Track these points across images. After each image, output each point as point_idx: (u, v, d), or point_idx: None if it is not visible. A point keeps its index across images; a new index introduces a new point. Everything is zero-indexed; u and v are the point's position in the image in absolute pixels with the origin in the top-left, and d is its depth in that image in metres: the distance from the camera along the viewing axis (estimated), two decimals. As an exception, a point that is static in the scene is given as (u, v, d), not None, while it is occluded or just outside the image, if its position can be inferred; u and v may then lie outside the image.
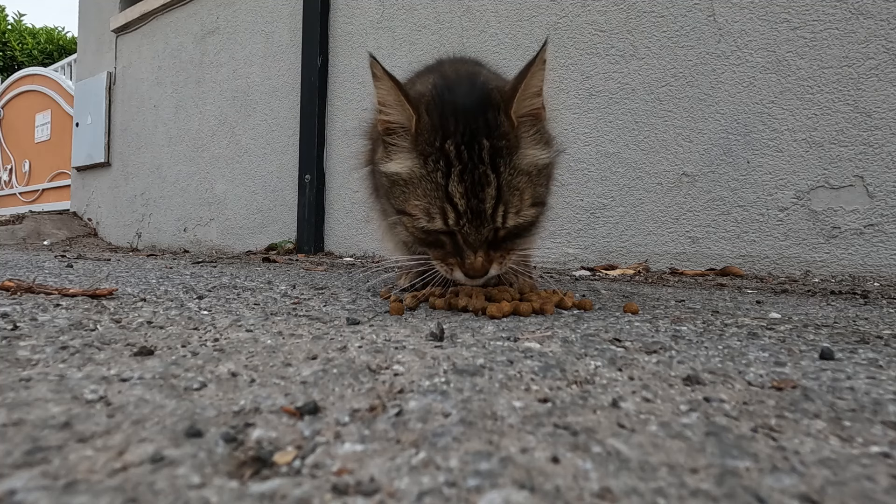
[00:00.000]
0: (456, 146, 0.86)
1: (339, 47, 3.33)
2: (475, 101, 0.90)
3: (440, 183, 0.87)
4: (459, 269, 0.91)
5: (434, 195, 0.88)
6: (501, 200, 0.88)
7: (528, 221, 0.93)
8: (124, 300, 1.04)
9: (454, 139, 0.87)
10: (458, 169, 0.86)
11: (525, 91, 0.89)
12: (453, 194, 0.86)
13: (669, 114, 2.23)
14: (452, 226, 0.88)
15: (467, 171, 0.86)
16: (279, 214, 3.60)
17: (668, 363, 0.63)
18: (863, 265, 1.85)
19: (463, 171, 0.86)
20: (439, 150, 0.87)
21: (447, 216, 0.88)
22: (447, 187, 0.86)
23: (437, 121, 0.88)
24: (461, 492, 0.32)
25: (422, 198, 0.89)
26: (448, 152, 0.86)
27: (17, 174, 6.87)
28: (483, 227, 0.88)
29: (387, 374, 0.55)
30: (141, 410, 0.44)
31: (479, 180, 0.86)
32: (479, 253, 0.89)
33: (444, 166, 0.87)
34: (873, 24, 1.84)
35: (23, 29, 10.17)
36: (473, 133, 0.87)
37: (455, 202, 0.87)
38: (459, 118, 0.88)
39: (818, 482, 0.34)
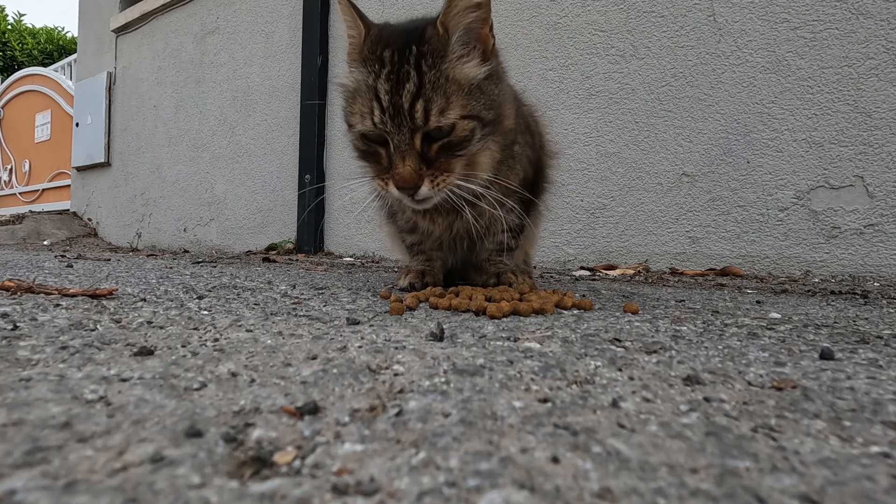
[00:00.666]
0: (391, 52, 0.95)
1: (339, 47, 3.33)
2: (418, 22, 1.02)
3: (371, 84, 0.94)
4: (392, 181, 0.95)
5: (367, 96, 0.95)
6: (421, 97, 0.92)
7: (460, 133, 0.95)
8: (124, 300, 1.04)
9: (391, 47, 0.95)
10: (386, 70, 0.93)
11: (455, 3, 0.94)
12: (379, 91, 0.93)
13: (669, 114, 2.23)
14: (377, 124, 0.93)
15: (393, 71, 0.93)
16: (279, 214, 3.60)
17: (668, 363, 0.63)
18: (863, 265, 1.85)
19: (390, 72, 0.93)
20: (378, 58, 0.95)
21: (374, 114, 0.94)
22: (375, 87, 0.93)
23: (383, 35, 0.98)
24: (461, 492, 0.32)
25: (359, 103, 0.96)
26: (383, 58, 0.95)
27: (17, 174, 6.88)
28: (403, 124, 0.92)
29: (387, 374, 0.55)
30: (141, 410, 0.44)
31: (401, 78, 0.92)
32: (406, 160, 0.93)
33: (377, 69, 0.94)
34: (873, 24, 1.84)
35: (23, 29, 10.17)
36: (407, 42, 0.95)
37: (380, 98, 0.93)
38: (400, 33, 0.98)
39: (818, 482, 0.34)
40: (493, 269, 1.32)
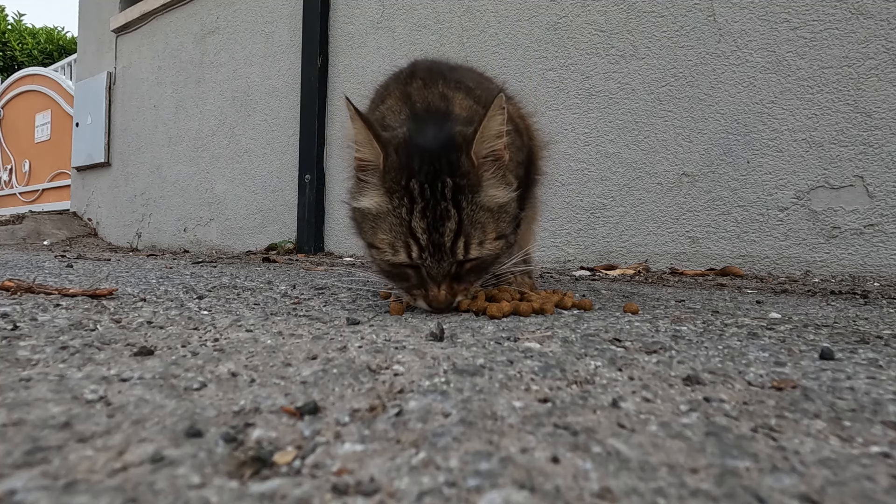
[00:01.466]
0: (420, 184, 0.91)
1: (339, 47, 3.33)
2: (440, 143, 0.95)
3: (404, 218, 0.91)
4: (423, 300, 0.96)
5: (399, 230, 0.92)
6: (462, 234, 0.92)
7: (491, 254, 0.96)
8: (124, 300, 1.04)
9: (418, 178, 0.91)
10: (420, 206, 0.91)
11: (484, 134, 0.93)
12: (416, 229, 0.91)
13: (669, 114, 2.23)
14: (415, 259, 0.92)
15: (429, 207, 0.90)
16: (279, 214, 3.60)
17: (668, 363, 0.63)
18: (863, 265, 1.85)
19: (425, 208, 0.90)
20: (404, 187, 0.91)
21: (410, 250, 0.91)
22: (410, 223, 0.91)
23: (405, 161, 0.92)
24: (461, 492, 0.32)
25: (388, 232, 0.93)
26: (412, 190, 0.91)
27: (17, 174, 6.87)
28: (443, 260, 0.92)
29: (387, 374, 0.55)
30: (141, 410, 0.44)
31: (440, 216, 0.90)
32: (441, 286, 0.94)
33: (409, 203, 0.91)
34: (873, 24, 1.84)
35: (23, 29, 10.16)
36: (437, 172, 0.91)
37: (417, 237, 0.91)
38: (424, 159, 0.92)
39: (818, 482, 0.34)
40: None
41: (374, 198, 0.95)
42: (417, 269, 0.94)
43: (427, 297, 0.95)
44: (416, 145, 0.94)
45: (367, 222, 0.97)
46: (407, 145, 0.94)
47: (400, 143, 0.94)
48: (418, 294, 0.96)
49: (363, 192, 0.97)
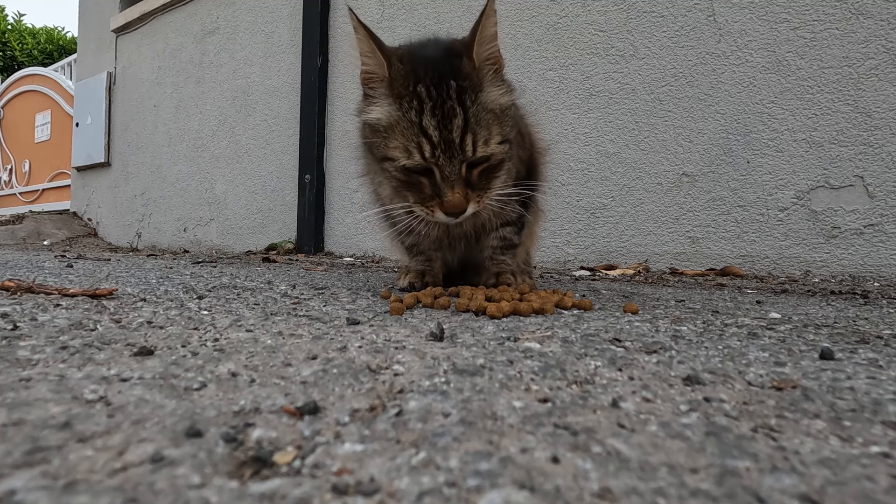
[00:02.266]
0: (426, 87, 0.95)
1: (339, 47, 3.33)
2: (441, 51, 1.02)
3: (415, 120, 0.95)
4: (439, 208, 0.99)
5: (410, 132, 0.96)
6: (469, 131, 0.96)
7: (498, 157, 1.01)
8: (124, 300, 1.04)
9: (424, 82, 0.96)
10: (429, 105, 0.95)
11: (482, 36, 0.98)
12: (427, 127, 0.95)
13: (669, 114, 2.23)
14: (429, 158, 0.96)
15: (437, 106, 0.95)
16: (279, 214, 3.60)
17: (668, 363, 0.63)
18: (863, 265, 1.85)
19: (434, 107, 0.95)
20: (412, 92, 0.96)
21: (423, 149, 0.95)
22: (421, 123, 0.95)
23: (410, 67, 0.97)
24: (461, 492, 0.32)
25: (400, 137, 0.97)
26: (420, 93, 0.95)
27: (17, 174, 6.87)
28: (455, 157, 0.96)
29: (387, 374, 0.55)
30: (141, 410, 0.44)
31: (448, 114, 0.95)
32: (456, 189, 0.97)
33: (418, 105, 0.95)
34: (873, 24, 1.84)
35: (23, 29, 10.16)
36: (441, 75, 0.96)
37: (429, 134, 0.95)
38: (428, 64, 0.98)
39: (818, 482, 0.34)
40: (494, 269, 1.31)
41: (383, 107, 0.98)
42: (431, 175, 0.97)
43: (443, 203, 0.98)
44: (419, 55, 1.00)
45: (379, 135, 1.00)
46: (410, 54, 1.00)
47: (404, 53, 1.00)
48: (434, 205, 0.99)
49: (371, 105, 1.00)
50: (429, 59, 0.99)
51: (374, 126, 1.00)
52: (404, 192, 1.03)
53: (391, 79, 0.97)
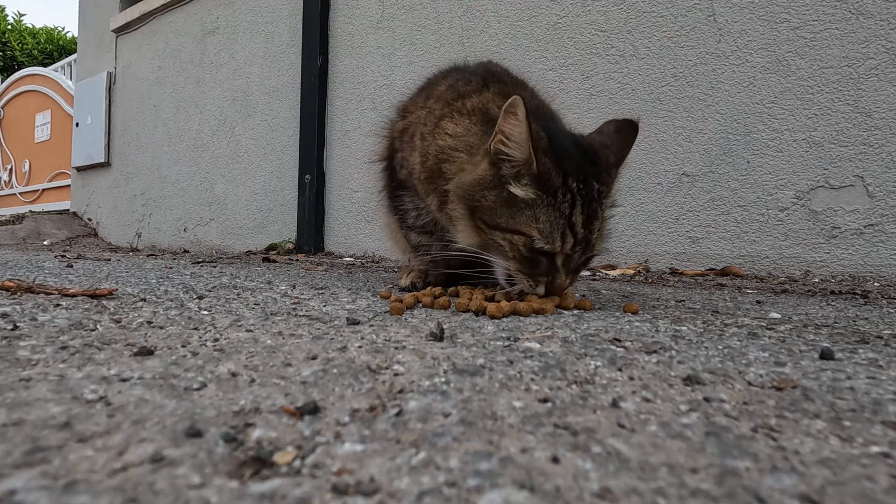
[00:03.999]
0: (576, 185, 1.01)
1: (339, 47, 3.33)
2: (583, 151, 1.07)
3: (565, 213, 1.00)
4: (546, 286, 1.03)
5: (558, 222, 1.00)
6: (601, 232, 1.06)
7: (600, 252, 1.11)
8: (124, 300, 1.04)
9: (574, 178, 1.01)
10: (580, 203, 1.01)
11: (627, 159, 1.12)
12: (575, 224, 1.00)
13: (669, 114, 2.23)
14: (567, 250, 1.01)
15: (586, 205, 1.02)
16: (279, 214, 3.60)
17: (668, 363, 0.63)
18: (863, 265, 1.85)
19: (584, 205, 1.01)
20: (564, 185, 1.00)
21: (566, 241, 1.00)
22: (571, 217, 1.00)
23: (558, 162, 1.01)
24: (461, 492, 0.32)
25: (544, 222, 1.00)
26: (571, 188, 1.01)
27: (17, 174, 6.87)
28: (586, 252, 1.04)
29: (387, 374, 0.55)
30: (141, 410, 0.44)
31: (592, 214, 1.03)
32: (568, 276, 1.04)
33: (570, 199, 1.00)
34: (873, 24, 1.84)
35: (23, 29, 10.16)
36: (586, 175, 1.02)
37: (576, 230, 1.01)
38: (575, 161, 1.03)
39: (818, 482, 0.34)
40: None
41: (527, 189, 1.01)
42: (552, 259, 1.02)
43: (553, 283, 1.03)
44: (562, 148, 1.03)
45: (514, 208, 1.02)
46: (555, 149, 1.02)
47: (549, 145, 1.01)
48: (542, 280, 1.03)
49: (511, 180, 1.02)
50: (572, 155, 1.04)
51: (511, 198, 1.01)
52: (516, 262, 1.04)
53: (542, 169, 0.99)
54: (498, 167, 1.02)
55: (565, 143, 1.06)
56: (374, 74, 3.16)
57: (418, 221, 1.30)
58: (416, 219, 1.30)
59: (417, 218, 1.29)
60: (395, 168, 1.35)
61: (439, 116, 1.18)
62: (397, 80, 3.02)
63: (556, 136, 1.06)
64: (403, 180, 1.30)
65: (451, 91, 1.23)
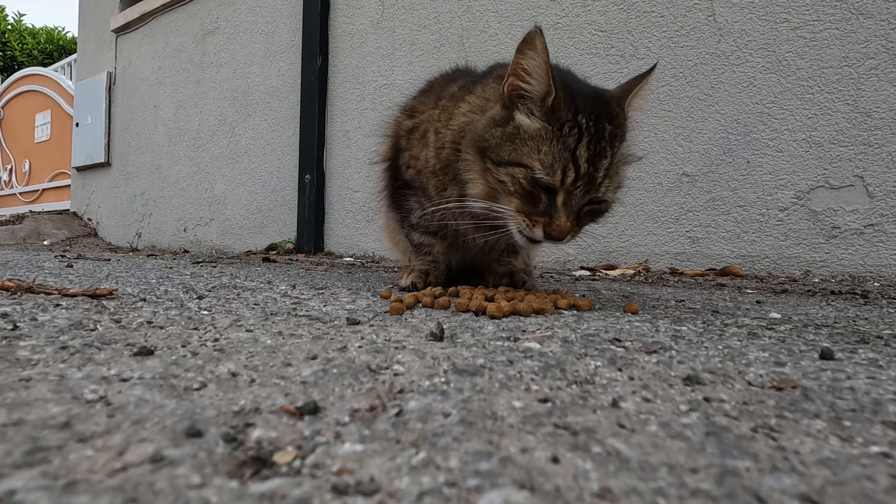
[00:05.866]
0: (587, 121, 1.00)
1: (339, 47, 3.33)
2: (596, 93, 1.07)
3: (570, 146, 0.98)
4: (544, 226, 1.00)
5: (562, 154, 0.98)
6: (609, 174, 1.02)
7: (609, 203, 1.07)
8: (124, 300, 1.04)
9: (585, 114, 1.00)
10: (586, 139, 0.99)
11: (637, 93, 1.07)
12: (579, 157, 0.98)
13: (669, 114, 2.23)
14: (568, 184, 0.99)
15: (593, 142, 0.99)
16: (279, 214, 3.60)
17: (668, 363, 0.63)
18: (863, 265, 1.85)
19: (590, 142, 0.99)
20: (574, 120, 0.99)
21: (567, 173, 0.98)
22: (575, 150, 0.98)
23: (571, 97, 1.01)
24: (461, 492, 0.32)
25: (546, 153, 0.99)
26: (581, 124, 0.99)
27: (17, 174, 6.87)
28: (589, 192, 1.01)
29: (387, 374, 0.55)
30: (141, 410, 0.44)
31: (599, 152, 1.00)
32: (569, 217, 1.00)
33: (577, 133, 0.99)
34: (873, 24, 1.84)
35: (23, 29, 10.16)
36: (598, 115, 1.01)
37: (579, 164, 0.98)
38: (587, 100, 1.02)
39: (818, 482, 0.34)
40: (504, 270, 1.33)
41: (536, 121, 1.01)
42: (553, 196, 1.00)
43: (551, 223, 1.00)
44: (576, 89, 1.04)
45: (515, 140, 1.01)
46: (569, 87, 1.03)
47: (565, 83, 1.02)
48: (539, 221, 1.01)
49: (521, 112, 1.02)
50: (586, 96, 1.03)
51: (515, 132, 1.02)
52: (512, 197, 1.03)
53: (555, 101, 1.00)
54: (509, 108, 1.04)
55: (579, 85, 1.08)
56: (374, 74, 3.16)
57: (422, 221, 1.30)
58: (419, 218, 1.30)
59: (422, 217, 1.29)
60: (399, 168, 1.35)
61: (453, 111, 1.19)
62: (397, 80, 3.02)
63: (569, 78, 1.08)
64: (409, 180, 1.30)
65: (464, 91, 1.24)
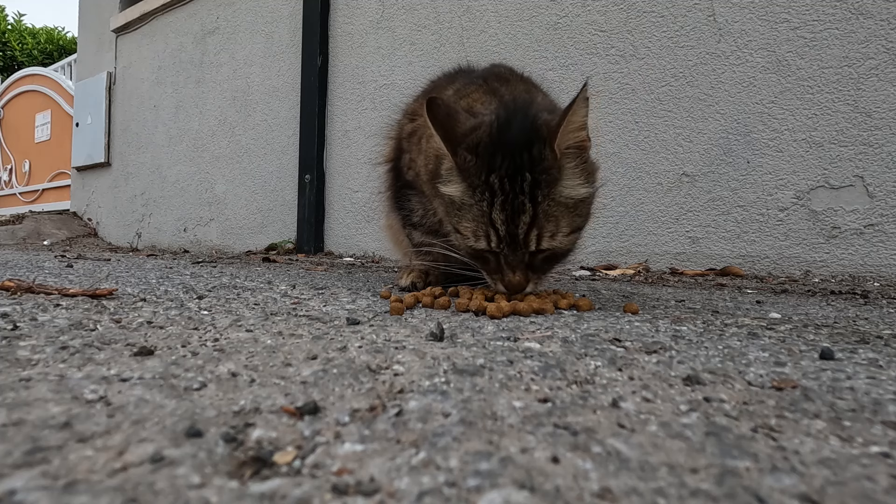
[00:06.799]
0: (499, 179, 0.96)
1: (339, 47, 3.33)
2: (524, 138, 0.97)
3: (485, 211, 0.98)
4: (501, 283, 1.03)
5: (480, 220, 0.99)
6: (535, 226, 0.97)
7: (563, 247, 1.02)
8: (124, 300, 1.04)
9: (498, 173, 0.96)
10: (500, 199, 0.96)
11: (568, 126, 0.95)
12: (495, 221, 0.97)
13: (669, 114, 2.23)
14: (494, 248, 0.99)
15: (508, 201, 0.96)
16: (279, 214, 3.60)
17: (668, 363, 0.63)
18: (863, 265, 1.85)
19: (504, 202, 0.96)
20: (485, 182, 0.97)
21: (490, 239, 0.99)
22: (490, 214, 0.97)
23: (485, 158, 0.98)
24: (461, 492, 0.32)
25: (470, 221, 1.01)
26: (492, 185, 0.97)
27: (17, 174, 6.87)
28: (517, 249, 0.99)
29: (387, 374, 0.55)
30: (141, 410, 0.44)
31: (517, 209, 0.96)
32: (517, 273, 1.00)
33: (489, 197, 0.97)
34: (873, 24, 1.84)
35: (23, 29, 10.16)
36: (518, 167, 0.96)
37: (497, 227, 0.97)
38: (506, 154, 0.97)
39: (818, 482, 0.34)
40: None
41: (457, 187, 1.01)
42: (496, 256, 1.01)
43: (503, 280, 1.02)
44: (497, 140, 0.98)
45: (453, 208, 1.04)
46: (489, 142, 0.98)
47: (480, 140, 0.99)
48: (497, 278, 1.03)
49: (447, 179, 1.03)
50: (506, 147, 0.97)
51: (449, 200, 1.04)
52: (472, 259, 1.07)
53: (461, 169, 0.99)
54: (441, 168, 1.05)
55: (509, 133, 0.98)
56: (374, 74, 3.16)
57: (423, 220, 1.30)
58: (421, 217, 1.31)
59: (423, 217, 1.30)
60: (401, 169, 1.36)
61: None
62: (397, 80, 3.02)
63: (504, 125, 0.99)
64: (411, 181, 1.31)
65: (456, 95, 1.24)
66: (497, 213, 0.97)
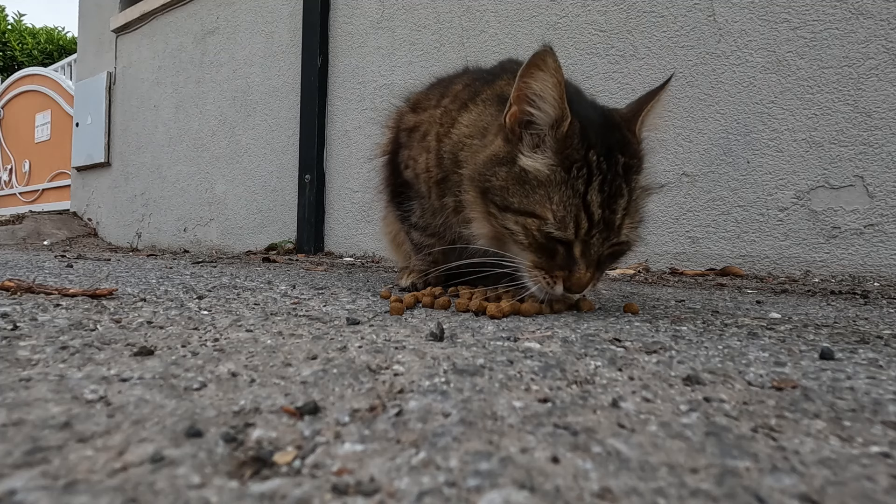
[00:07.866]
0: (598, 157, 0.87)
1: (339, 47, 3.33)
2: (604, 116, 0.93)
3: (580, 190, 0.86)
4: (563, 281, 0.90)
5: (572, 202, 0.87)
6: (628, 213, 0.90)
7: (630, 244, 0.94)
8: (124, 300, 1.04)
9: (596, 149, 0.88)
10: (598, 180, 0.87)
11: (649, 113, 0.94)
12: (591, 203, 0.87)
13: (669, 114, 2.23)
14: (583, 235, 0.88)
15: (606, 182, 0.87)
16: (279, 214, 3.60)
17: (668, 363, 0.63)
18: (863, 265, 1.85)
19: (603, 182, 0.87)
20: (584, 158, 0.87)
21: (580, 225, 0.87)
22: (586, 196, 0.87)
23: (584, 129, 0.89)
24: (461, 492, 0.32)
25: (557, 203, 0.87)
26: (590, 162, 0.87)
27: (17, 174, 6.87)
28: (609, 238, 0.89)
29: (387, 374, 0.55)
30: (141, 410, 0.44)
31: (615, 192, 0.88)
32: (589, 269, 0.89)
33: (587, 174, 0.87)
34: (873, 24, 1.84)
35: (23, 29, 10.16)
36: (610, 147, 0.89)
37: (591, 210, 0.87)
38: (598, 131, 0.89)
39: (818, 482, 0.34)
40: None
41: (544, 161, 0.88)
42: (570, 248, 0.89)
43: (570, 278, 0.89)
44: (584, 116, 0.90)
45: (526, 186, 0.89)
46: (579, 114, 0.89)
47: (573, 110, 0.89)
48: (559, 275, 0.90)
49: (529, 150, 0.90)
50: (595, 124, 0.90)
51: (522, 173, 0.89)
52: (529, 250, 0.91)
53: (566, 134, 0.87)
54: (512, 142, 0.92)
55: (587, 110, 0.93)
56: (374, 74, 3.16)
57: (421, 221, 1.27)
58: (419, 217, 1.27)
59: (421, 217, 1.26)
60: (398, 164, 1.29)
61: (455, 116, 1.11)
62: (397, 80, 3.02)
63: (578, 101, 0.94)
64: (408, 180, 1.26)
65: (467, 90, 1.17)
66: (594, 194, 0.86)
